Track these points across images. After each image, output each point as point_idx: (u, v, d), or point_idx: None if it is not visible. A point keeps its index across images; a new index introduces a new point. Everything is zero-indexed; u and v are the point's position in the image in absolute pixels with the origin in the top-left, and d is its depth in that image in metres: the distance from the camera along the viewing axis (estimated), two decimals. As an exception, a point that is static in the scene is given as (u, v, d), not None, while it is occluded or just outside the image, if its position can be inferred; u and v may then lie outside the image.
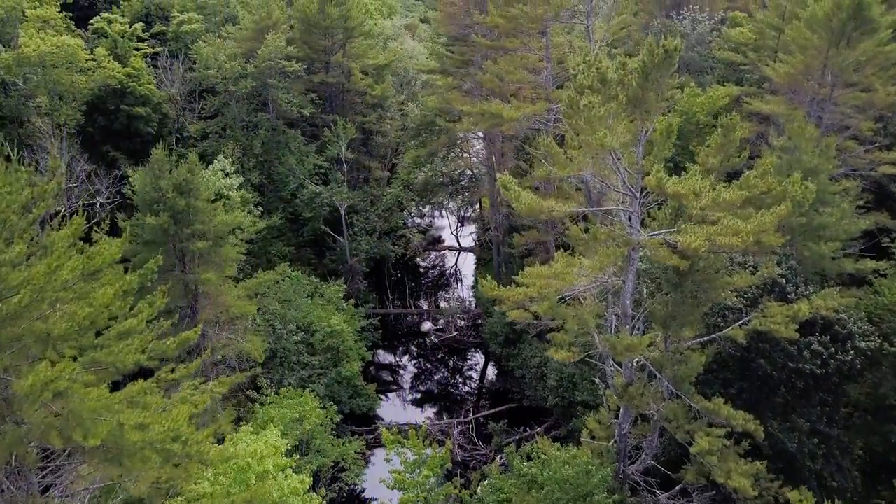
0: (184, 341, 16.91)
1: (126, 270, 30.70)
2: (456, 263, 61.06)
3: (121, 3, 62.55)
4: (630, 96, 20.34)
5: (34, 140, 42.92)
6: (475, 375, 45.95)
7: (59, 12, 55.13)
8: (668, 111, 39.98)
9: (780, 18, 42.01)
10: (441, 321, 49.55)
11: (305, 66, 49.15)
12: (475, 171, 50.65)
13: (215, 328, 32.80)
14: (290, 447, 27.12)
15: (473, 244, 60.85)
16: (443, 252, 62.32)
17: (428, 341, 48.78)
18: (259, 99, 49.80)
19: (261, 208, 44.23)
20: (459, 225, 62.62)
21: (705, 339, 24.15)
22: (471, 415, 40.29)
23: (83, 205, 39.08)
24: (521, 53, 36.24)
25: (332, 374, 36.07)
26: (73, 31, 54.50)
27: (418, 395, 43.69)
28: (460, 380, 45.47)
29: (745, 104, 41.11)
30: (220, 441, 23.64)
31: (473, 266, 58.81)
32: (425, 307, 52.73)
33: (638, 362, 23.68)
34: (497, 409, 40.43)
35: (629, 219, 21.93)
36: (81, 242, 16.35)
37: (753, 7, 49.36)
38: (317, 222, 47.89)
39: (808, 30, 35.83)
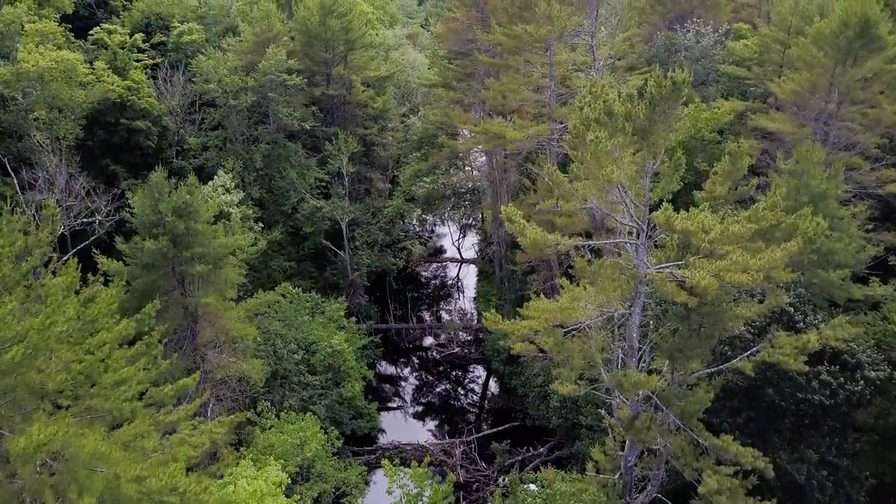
0: (181, 389, 16.53)
1: (126, 292, 30.64)
2: (458, 275, 60.66)
3: (120, 13, 62.27)
4: (637, 128, 19.96)
5: (33, 154, 42.62)
6: (477, 392, 45.58)
7: (59, 24, 54.85)
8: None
9: (784, 33, 41.62)
10: (443, 336, 49.17)
11: (306, 80, 48.79)
12: (477, 184, 50.21)
13: (215, 349, 32.46)
14: (290, 475, 26.75)
15: (475, 255, 60.48)
16: (444, 263, 61.92)
17: (430, 356, 48.38)
18: (260, 111, 49.44)
19: (261, 224, 43.87)
20: (461, 235, 62.22)
21: (713, 370, 23.78)
22: (473, 434, 39.86)
23: (82, 223, 38.75)
24: (524, 70, 35.87)
25: (334, 395, 35.68)
26: (73, 43, 54.21)
27: (420, 413, 43.32)
28: (462, 397, 45.08)
29: (749, 119, 40.73)
30: (221, 475, 23.29)
31: (475, 278, 58.42)
32: (427, 321, 52.38)
33: (644, 393, 23.28)
34: (499, 428, 39.99)
35: (636, 250, 21.54)
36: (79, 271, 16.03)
37: (758, 20, 48.95)
38: (318, 237, 47.53)
39: (814, 47, 35.45)
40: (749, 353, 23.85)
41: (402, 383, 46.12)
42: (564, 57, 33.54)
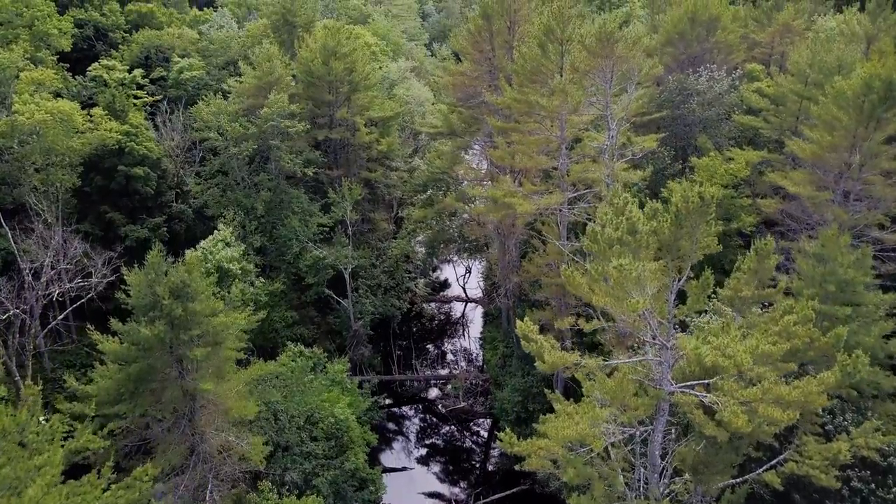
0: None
1: (120, 370, 29.47)
2: (463, 315, 59.48)
3: (120, 46, 61.08)
4: (663, 243, 18.77)
5: (28, 199, 41.54)
6: (484, 451, 44.27)
7: (56, 62, 53.66)
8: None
9: (801, 84, 40.30)
10: (448, 386, 47.93)
11: (309, 126, 47.54)
12: (484, 231, 48.85)
13: (213, 427, 31.22)
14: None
15: (481, 294, 59.21)
16: (449, 303, 60.68)
17: (435, 410, 47.12)
18: (261, 156, 48.16)
19: (262, 279, 42.69)
20: (466, 273, 60.98)
21: (738, 480, 22.56)
22: (480, 498, 38.75)
23: (78, 284, 37.56)
24: (532, 125, 34.62)
25: (337, 469, 34.40)
26: (69, 82, 53.05)
27: (425, 473, 42.21)
28: (468, 456, 43.86)
29: (766, 175, 39.45)
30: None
31: (481, 320, 57.21)
32: (432, 371, 51.07)
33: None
34: (508, 493, 38.88)
35: (659, 365, 20.32)
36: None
37: (772, 66, 47.65)
38: (320, 286, 46.26)
39: (835, 107, 34.21)
40: (776, 461, 22.64)
41: (407, 441, 44.91)
42: (577, 119, 32.29)
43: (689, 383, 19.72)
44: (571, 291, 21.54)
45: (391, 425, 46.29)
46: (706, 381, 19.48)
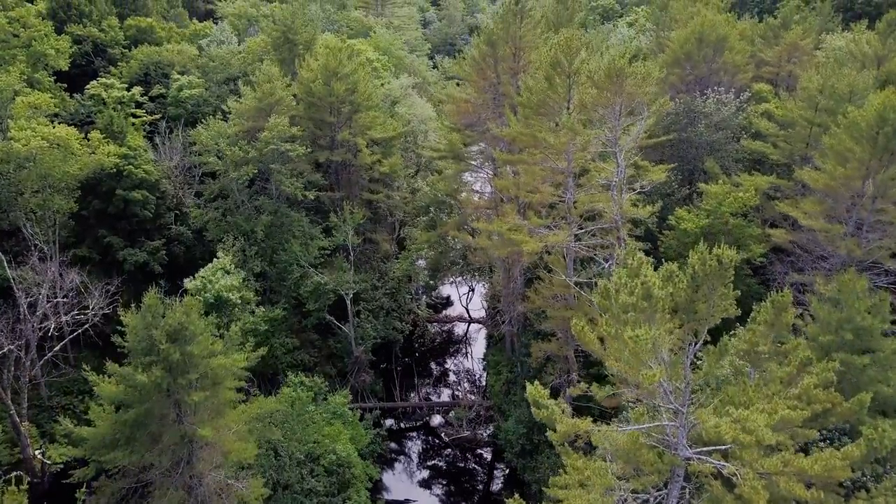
0: None
1: (118, 409, 28.77)
2: (466, 335, 58.73)
3: (119, 62, 60.39)
4: (678, 304, 18.02)
5: (24, 229, 40.87)
6: (488, 482, 43.45)
7: (55, 81, 52.96)
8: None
9: (812, 111, 39.53)
10: (451, 413, 47.14)
11: (310, 148, 46.78)
12: (487, 258, 48.14)
13: (212, 460, 30.44)
14: None
15: (484, 315, 58.47)
16: (452, 323, 59.91)
17: (438, 437, 46.31)
18: (261, 178, 47.40)
19: (262, 308, 41.94)
20: (469, 291, 60.25)
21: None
22: (484, 534, 38.01)
23: (74, 317, 36.87)
24: (538, 156, 33.90)
25: (339, 505, 33.74)
26: (67, 102, 52.34)
27: (427, 497, 41.57)
28: (471, 487, 43.04)
29: (777, 204, 38.65)
30: None
31: (484, 342, 56.46)
32: (435, 397, 50.34)
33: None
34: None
35: (675, 430, 19.56)
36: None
37: (780, 87, 46.88)
38: (321, 312, 45.46)
39: (848, 138, 33.46)
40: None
41: (409, 468, 44.13)
42: (584, 153, 31.53)
43: (706, 448, 18.96)
44: (583, 347, 20.79)
45: (393, 446, 45.51)
46: (724, 448, 18.72)
